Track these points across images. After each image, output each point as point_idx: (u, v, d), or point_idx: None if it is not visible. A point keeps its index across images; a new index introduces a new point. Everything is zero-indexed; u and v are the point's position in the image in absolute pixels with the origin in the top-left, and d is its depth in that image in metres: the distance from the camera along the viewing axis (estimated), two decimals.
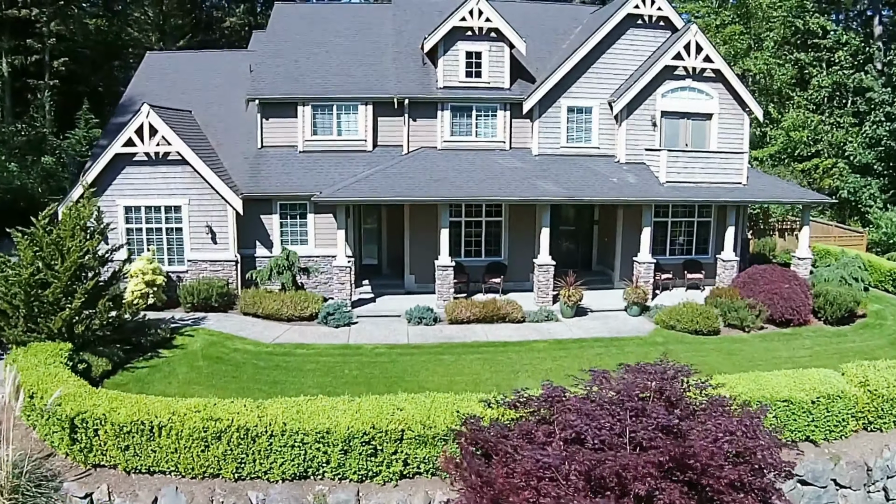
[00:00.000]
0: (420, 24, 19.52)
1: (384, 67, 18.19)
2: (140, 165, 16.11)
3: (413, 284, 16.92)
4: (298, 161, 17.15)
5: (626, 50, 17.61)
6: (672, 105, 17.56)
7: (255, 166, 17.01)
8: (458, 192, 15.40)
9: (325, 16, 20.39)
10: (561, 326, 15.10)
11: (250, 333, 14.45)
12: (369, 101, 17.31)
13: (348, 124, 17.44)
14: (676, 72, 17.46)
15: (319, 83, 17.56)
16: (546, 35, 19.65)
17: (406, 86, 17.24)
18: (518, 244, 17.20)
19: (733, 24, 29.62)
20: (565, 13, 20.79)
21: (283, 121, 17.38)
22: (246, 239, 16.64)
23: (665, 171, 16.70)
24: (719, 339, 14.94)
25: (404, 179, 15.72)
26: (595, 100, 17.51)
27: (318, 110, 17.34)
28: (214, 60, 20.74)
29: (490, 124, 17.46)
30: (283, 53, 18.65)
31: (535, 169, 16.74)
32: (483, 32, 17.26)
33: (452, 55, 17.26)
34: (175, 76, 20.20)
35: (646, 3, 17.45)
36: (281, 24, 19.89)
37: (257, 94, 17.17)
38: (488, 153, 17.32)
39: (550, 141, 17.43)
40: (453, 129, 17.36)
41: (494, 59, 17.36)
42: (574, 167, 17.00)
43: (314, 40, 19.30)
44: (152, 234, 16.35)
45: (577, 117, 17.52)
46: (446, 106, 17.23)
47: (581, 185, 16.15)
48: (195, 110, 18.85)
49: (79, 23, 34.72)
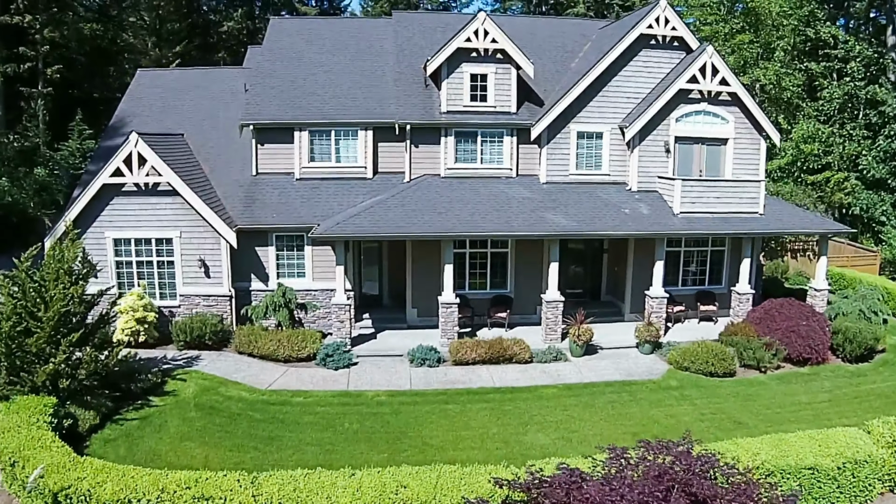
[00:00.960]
0: (422, 40, 18.62)
1: (385, 89, 17.31)
2: (129, 196, 15.30)
3: (415, 318, 16.17)
4: (295, 189, 16.33)
5: (638, 72, 16.73)
6: (686, 130, 16.72)
7: (250, 195, 16.19)
8: (462, 226, 14.60)
9: (322, 32, 19.46)
10: (570, 367, 14.38)
11: (245, 377, 13.73)
12: (369, 127, 16.47)
13: (347, 150, 16.60)
14: (691, 95, 16.61)
15: (317, 107, 16.69)
16: (554, 53, 18.74)
17: (408, 110, 16.38)
18: (525, 276, 16.44)
19: (743, 33, 28.62)
20: (574, 29, 19.85)
21: (279, 146, 16.53)
22: (241, 272, 15.87)
23: (679, 201, 15.89)
24: (735, 382, 14.23)
25: (406, 212, 14.91)
26: (606, 125, 16.66)
27: (315, 136, 16.50)
28: (208, 78, 19.84)
29: (496, 151, 16.62)
30: (278, 73, 17.76)
31: (543, 199, 15.92)
32: (489, 54, 16.37)
33: (457, 78, 16.38)
34: (167, 95, 19.30)
35: (659, 22, 16.56)
36: (277, 41, 18.97)
37: (251, 119, 16.31)
38: (494, 181, 16.49)
39: (559, 168, 16.60)
40: (458, 155, 16.53)
41: (501, 81, 16.48)
42: (584, 196, 16.19)
43: (311, 59, 18.39)
44: (143, 268, 15.58)
45: (587, 143, 16.69)
46: (450, 132, 16.38)
47: (592, 218, 15.35)
48: (187, 132, 17.99)
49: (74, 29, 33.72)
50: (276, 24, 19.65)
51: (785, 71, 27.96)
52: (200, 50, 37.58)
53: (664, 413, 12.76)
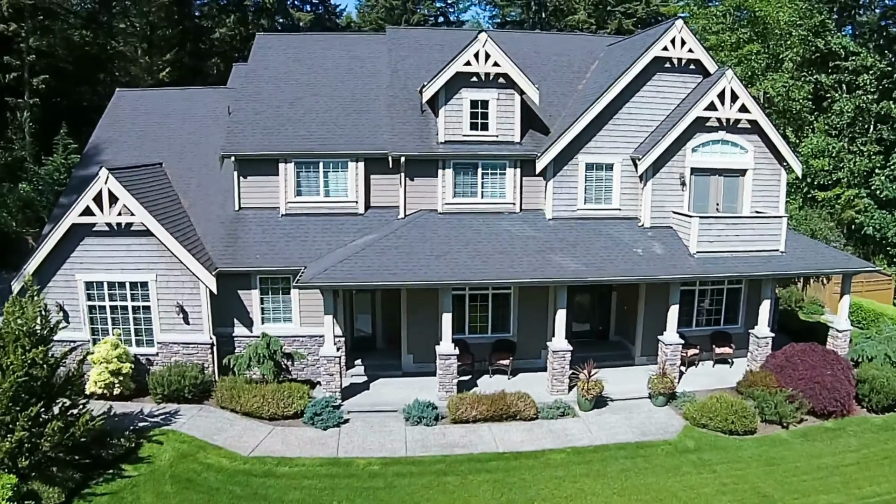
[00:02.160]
0: (418, 60, 16.88)
1: (377, 116, 15.60)
2: (101, 237, 13.67)
3: (411, 365, 14.64)
4: (281, 227, 14.68)
5: (652, 98, 15.05)
6: (703, 161, 15.09)
7: (232, 233, 14.55)
8: (462, 272, 13.02)
9: (312, 49, 17.67)
10: (579, 425, 12.89)
11: (227, 439, 12.20)
12: (360, 158, 14.79)
13: (337, 183, 14.93)
14: (708, 123, 14.96)
15: (304, 135, 14.99)
16: (559, 73, 17.03)
17: (402, 140, 14.70)
18: (529, 318, 14.87)
19: (750, 43, 26.82)
20: (580, 46, 18.10)
21: (264, 179, 14.87)
22: (223, 316, 14.28)
23: (696, 240, 14.30)
24: (757, 442, 12.77)
25: (400, 255, 13.32)
26: (617, 155, 15.01)
27: (302, 168, 14.82)
28: (191, 99, 18.07)
29: (498, 183, 14.97)
30: (263, 96, 16.02)
31: (549, 237, 14.32)
32: (490, 78, 14.66)
33: (455, 104, 14.68)
34: (146, 119, 17.56)
35: (675, 44, 14.85)
36: (262, 59, 17.21)
37: (233, 150, 14.62)
38: (496, 217, 14.86)
39: (566, 203, 14.97)
40: (456, 189, 14.87)
41: (503, 108, 14.80)
42: (593, 234, 14.59)
43: (299, 79, 16.64)
44: (117, 313, 13.98)
45: (596, 175, 15.05)
46: (448, 164, 14.71)
47: (602, 260, 13.77)
48: (167, 160, 16.31)
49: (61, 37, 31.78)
50: (262, 41, 17.85)
51: (794, 83, 26.25)
52: (193, 57, 35.59)
53: (682, 484, 11.30)
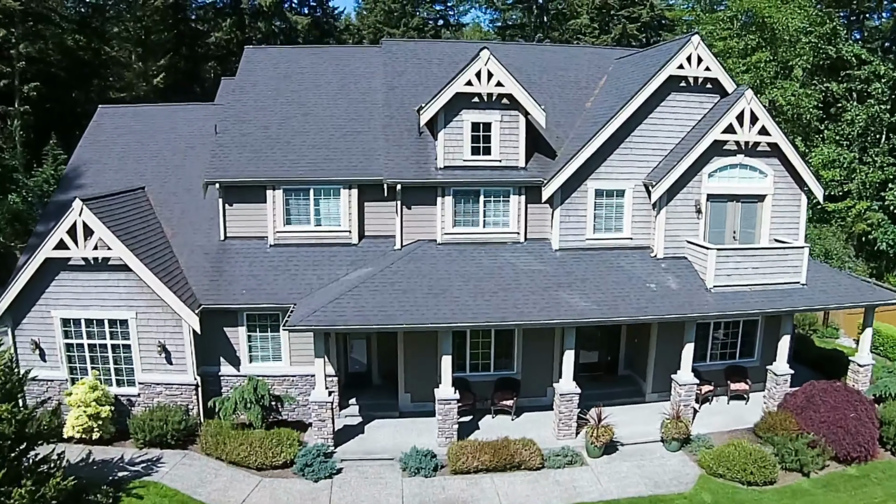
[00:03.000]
0: (415, 76, 15.51)
1: (372, 138, 14.26)
2: (77, 271, 12.42)
3: (409, 404, 13.44)
4: (269, 258, 13.41)
5: (665, 119, 13.71)
6: (720, 186, 13.78)
7: (217, 265, 13.28)
8: (463, 313, 11.76)
9: (303, 64, 16.27)
10: (587, 475, 11.71)
11: (211, 493, 11.02)
12: (353, 185, 13.48)
13: (328, 211, 13.62)
14: (726, 146, 13.63)
15: (293, 160, 13.67)
16: (566, 90, 15.66)
17: (398, 165, 13.38)
18: (534, 355, 13.64)
19: (759, 51, 25.36)
20: (587, 60, 16.70)
21: (250, 207, 13.57)
22: (208, 355, 13.07)
23: (713, 274, 13.04)
24: (778, 494, 11.58)
25: (396, 293, 12.06)
26: (629, 181, 13.70)
27: (291, 195, 13.51)
28: (177, 117, 16.68)
29: (501, 211, 13.66)
30: (250, 117, 14.67)
31: (556, 271, 13.06)
32: (493, 99, 13.31)
33: (456, 127, 13.34)
34: (129, 138, 16.21)
35: (691, 62, 13.49)
36: (250, 75, 15.82)
37: (217, 176, 13.31)
38: (499, 248, 13.58)
39: (574, 232, 13.68)
40: (456, 217, 13.56)
41: (507, 131, 13.46)
42: (603, 267, 13.32)
43: (289, 97, 15.27)
44: (96, 351, 12.76)
45: (606, 202, 13.74)
46: (448, 191, 13.39)
47: (614, 297, 12.51)
48: (150, 184, 14.99)
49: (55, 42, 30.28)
50: (250, 55, 16.43)
51: (804, 91, 24.84)
52: (188, 61, 34.08)
53: None
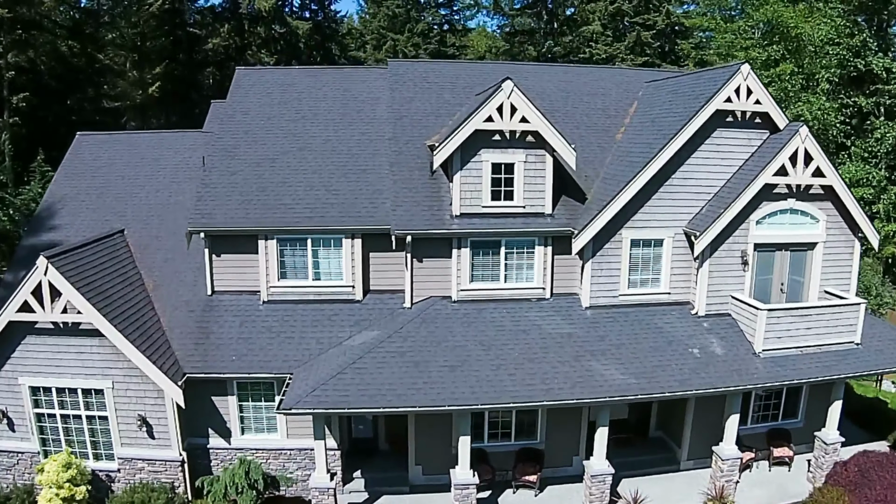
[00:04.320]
0: (426, 103, 13.35)
1: (378, 178, 12.14)
2: (45, 335, 10.44)
3: (420, 477, 11.46)
4: (261, 318, 11.36)
5: (709, 158, 11.61)
6: (768, 235, 11.73)
7: (204, 325, 11.23)
8: (483, 390, 9.76)
9: (300, 88, 14.06)
10: None
11: None
12: (357, 234, 11.42)
13: (329, 264, 11.55)
14: (776, 190, 11.56)
15: (288, 205, 11.56)
16: (593, 118, 13.52)
17: (408, 212, 11.29)
18: (559, 423, 11.61)
19: (783, 62, 23.12)
20: (615, 83, 14.51)
21: (240, 258, 11.50)
22: (195, 425, 11.08)
23: (762, 337, 11.03)
24: None
25: (407, 367, 10.05)
26: (668, 229, 11.63)
27: (286, 245, 11.43)
28: (163, 144, 14.47)
29: (525, 264, 11.59)
30: (240, 152, 12.53)
31: (587, 335, 11.04)
32: (516, 137, 11.19)
33: (474, 169, 11.24)
34: (109, 170, 14.03)
35: (739, 94, 11.37)
36: (242, 100, 13.63)
37: (202, 225, 11.21)
38: (522, 305, 11.52)
39: (607, 287, 11.62)
40: (474, 272, 11.49)
41: (532, 173, 11.35)
42: (640, 328, 11.30)
43: (284, 128, 13.10)
44: (70, 422, 10.80)
45: (642, 253, 11.68)
46: (465, 242, 11.31)
47: (653, 367, 10.51)
48: (130, 225, 12.89)
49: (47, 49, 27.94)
50: (243, 77, 14.20)
51: (830, 105, 22.65)
52: (186, 67, 31.68)
53: None
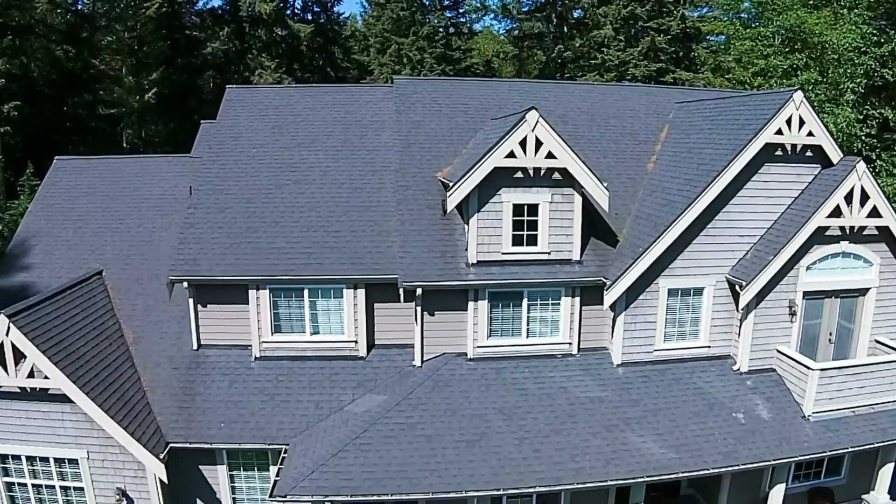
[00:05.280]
0: (435, 127, 11.67)
1: (383, 216, 10.50)
2: (12, 399, 8.87)
3: None
4: (253, 377, 9.77)
5: (756, 197, 9.98)
6: (818, 281, 10.13)
7: (189, 385, 9.67)
8: (506, 471, 8.22)
9: (297, 110, 12.34)
10: None
11: None
12: (360, 284, 9.82)
13: (328, 317, 9.95)
14: (829, 232, 9.95)
15: (282, 249, 9.92)
16: (621, 144, 11.84)
17: (418, 259, 9.67)
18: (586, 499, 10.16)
19: (807, 71, 21.32)
20: (642, 104, 12.80)
21: (229, 309, 9.89)
22: (182, 498, 9.56)
23: (812, 399, 9.49)
24: None
25: (418, 442, 8.52)
26: (709, 277, 10.03)
27: (280, 296, 9.83)
28: (144, 173, 12.75)
29: (549, 317, 9.97)
30: (229, 185, 10.86)
31: (620, 399, 9.49)
32: (541, 175, 9.54)
33: (493, 211, 9.59)
34: (88, 200, 12.33)
35: (791, 125, 9.74)
36: (232, 126, 11.91)
37: (185, 273, 9.59)
38: (546, 363, 9.93)
39: (641, 342, 10.03)
40: (493, 326, 9.87)
41: (558, 215, 9.72)
42: (678, 389, 9.74)
43: (279, 156, 11.41)
44: (43, 493, 9.29)
45: (681, 303, 10.09)
46: (482, 293, 9.71)
47: (695, 437, 8.97)
48: (110, 265, 11.24)
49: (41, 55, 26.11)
50: (234, 98, 12.45)
51: (854, 116, 20.91)
52: (184, 72, 29.78)
53: None
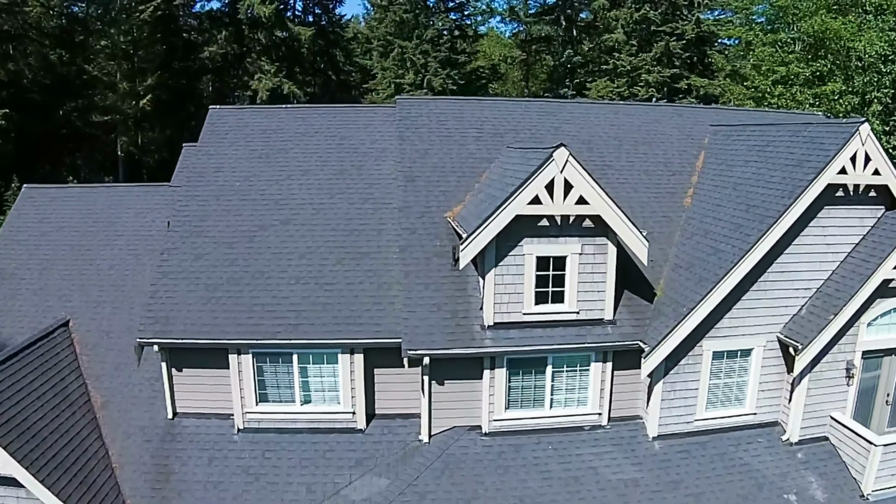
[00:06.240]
0: (443, 156, 9.94)
1: (384, 265, 8.79)
2: None
3: None
4: (236, 453, 8.18)
5: (813, 245, 8.31)
6: (878, 339, 8.48)
7: (163, 462, 8.08)
8: None
9: (287, 135, 10.55)
10: None
11: None
12: (358, 349, 8.20)
13: (321, 384, 8.32)
14: (892, 284, 8.30)
15: (267, 306, 8.24)
16: (653, 176, 10.08)
17: (425, 320, 8.01)
18: None
19: (831, 80, 19.45)
20: (673, 127, 11.01)
21: (208, 374, 8.28)
22: None
23: (873, 475, 7.93)
24: None
25: None
26: (759, 336, 8.40)
27: (265, 360, 8.20)
28: (120, 204, 10.95)
29: (577, 385, 8.33)
30: (208, 224, 9.13)
31: (657, 481, 7.91)
32: (570, 222, 7.88)
33: (513, 265, 7.91)
34: (57, 237, 10.58)
35: (856, 164, 8.01)
36: (215, 153, 10.14)
37: (157, 334, 7.97)
38: (572, 438, 8.30)
39: (680, 411, 8.40)
40: (511, 396, 8.23)
41: (589, 268, 8.04)
42: (721, 466, 8.16)
43: (265, 191, 9.62)
44: None
45: (726, 367, 8.47)
46: (500, 361, 8.10)
47: None
48: (77, 312, 9.57)
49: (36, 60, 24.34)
50: (216, 121, 10.62)
51: (881, 128, 19.12)
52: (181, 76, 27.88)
53: None
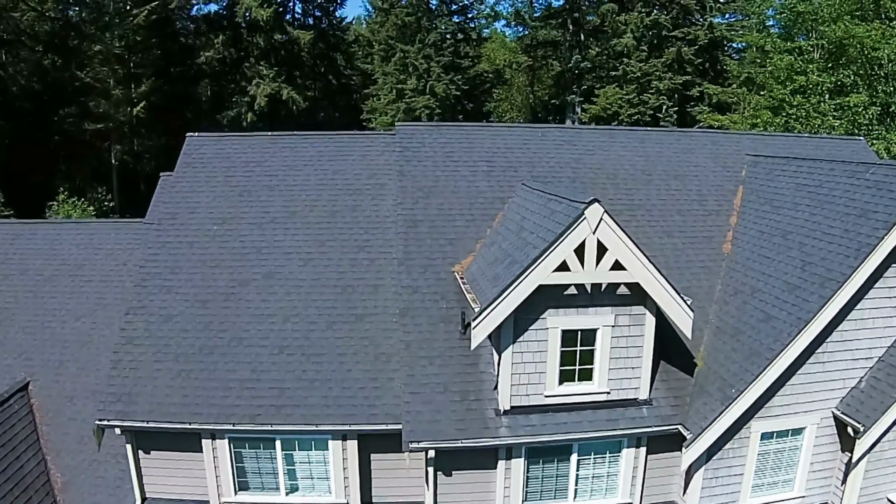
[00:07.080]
0: (449, 196, 8.45)
1: (382, 333, 7.30)
2: None
3: None
4: None
5: (875, 312, 6.82)
6: None
7: None
8: None
9: (273, 167, 9.01)
10: None
11: None
12: (350, 435, 6.81)
13: (310, 471, 6.94)
14: None
15: (246, 382, 6.78)
16: (688, 216, 8.57)
17: (428, 404, 6.58)
18: None
19: (854, 92, 17.81)
20: (707, 156, 9.45)
21: (179, 457, 6.93)
22: None
23: None
24: None
25: None
26: (812, 414, 7.01)
27: (244, 445, 6.84)
28: (93, 242, 9.42)
29: (606, 473, 6.97)
30: (180, 278, 7.66)
31: None
32: (602, 290, 6.43)
33: (534, 340, 6.45)
34: (18, 280, 9.12)
35: None
36: (190, 190, 8.62)
37: (118, 415, 6.56)
38: None
39: (723, 498, 7.00)
40: (529, 488, 6.81)
41: (623, 342, 6.59)
42: None
43: (246, 236, 8.13)
44: None
45: (776, 447, 7.12)
46: (518, 451, 6.72)
47: None
48: (40, 371, 8.23)
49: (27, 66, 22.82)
50: (193, 150, 9.06)
51: None
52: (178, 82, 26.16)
53: None
